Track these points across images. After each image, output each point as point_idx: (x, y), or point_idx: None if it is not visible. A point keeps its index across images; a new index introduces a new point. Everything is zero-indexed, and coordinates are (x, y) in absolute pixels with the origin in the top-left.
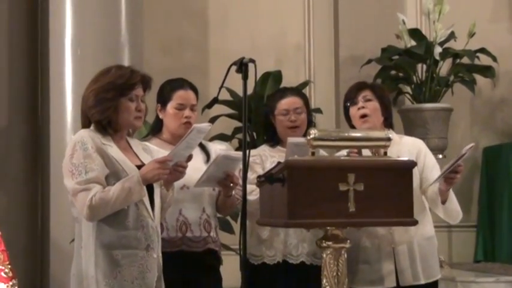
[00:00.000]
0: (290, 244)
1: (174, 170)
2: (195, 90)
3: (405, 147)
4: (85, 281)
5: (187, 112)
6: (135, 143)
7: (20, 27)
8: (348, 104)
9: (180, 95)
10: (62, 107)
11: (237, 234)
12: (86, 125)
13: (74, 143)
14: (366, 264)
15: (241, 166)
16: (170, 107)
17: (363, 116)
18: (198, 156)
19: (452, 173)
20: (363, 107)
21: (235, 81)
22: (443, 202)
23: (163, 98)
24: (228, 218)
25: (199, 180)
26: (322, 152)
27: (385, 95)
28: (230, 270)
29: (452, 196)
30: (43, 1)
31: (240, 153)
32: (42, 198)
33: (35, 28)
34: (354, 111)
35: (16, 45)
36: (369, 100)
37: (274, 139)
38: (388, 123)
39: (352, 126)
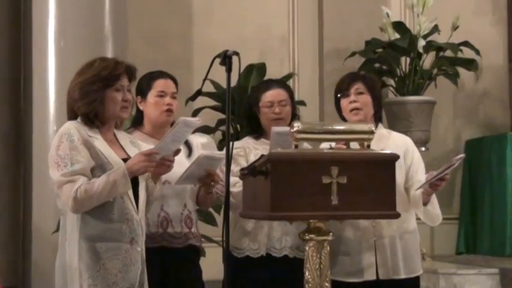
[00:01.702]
0: (273, 237)
1: (161, 163)
2: (174, 80)
3: (393, 142)
4: (69, 273)
5: (168, 99)
6: (122, 135)
7: (2, 18)
8: (339, 96)
9: (160, 83)
10: (45, 99)
11: (219, 226)
12: (72, 118)
13: (60, 135)
14: (346, 256)
15: (222, 164)
16: (151, 96)
17: (354, 109)
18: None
19: (439, 181)
20: (355, 101)
21: (218, 73)
22: (425, 204)
23: (143, 89)
24: (211, 210)
25: (180, 178)
26: (306, 145)
27: (376, 88)
28: (212, 262)
29: (434, 200)
30: None
31: (222, 153)
32: (25, 190)
33: (17, 19)
34: (345, 103)
35: None
36: (361, 93)
37: (258, 131)
38: (377, 117)
39: (343, 118)
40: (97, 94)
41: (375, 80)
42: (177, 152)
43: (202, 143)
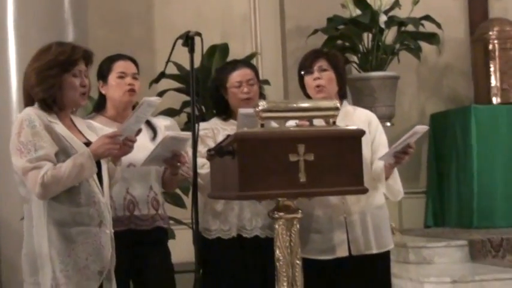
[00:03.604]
0: (244, 218)
1: (124, 144)
2: (133, 61)
3: (358, 118)
4: (39, 260)
5: (129, 80)
6: (79, 120)
7: None
8: (303, 73)
9: (120, 65)
10: (6, 86)
11: (188, 208)
12: (29, 104)
13: (20, 121)
14: (317, 234)
15: (189, 145)
16: (112, 78)
17: (318, 86)
18: (143, 133)
19: (402, 154)
20: (318, 78)
21: (181, 55)
22: (387, 178)
23: (103, 73)
24: (179, 192)
25: (146, 159)
26: (274, 124)
27: (340, 65)
28: (183, 244)
29: (396, 175)
30: None
31: (188, 134)
32: None
33: None
34: (309, 80)
35: None
36: (325, 70)
37: (226, 112)
38: (342, 93)
39: (307, 95)
40: (55, 79)
41: (338, 56)
42: (139, 131)
43: (166, 126)
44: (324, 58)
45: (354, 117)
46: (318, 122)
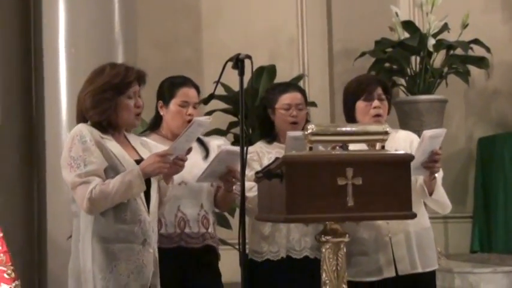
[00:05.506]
0: (293, 239)
1: (174, 163)
2: (197, 89)
3: (399, 139)
4: (82, 275)
5: (190, 110)
6: (132, 137)
7: (13, 26)
8: (363, 98)
9: (185, 93)
10: (57, 105)
11: (234, 230)
12: None
13: (72, 137)
14: (363, 256)
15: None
16: (173, 104)
17: (378, 115)
18: (196, 151)
19: (431, 162)
20: (379, 107)
21: (229, 76)
22: (430, 194)
23: (166, 95)
24: (225, 213)
25: (201, 175)
26: (321, 148)
27: (391, 94)
28: (229, 265)
29: (438, 187)
30: (36, 1)
31: None
32: (39, 196)
33: (27, 28)
34: (367, 107)
35: (9, 44)
36: (382, 99)
37: (271, 135)
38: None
39: (352, 119)
40: (110, 102)
41: (389, 85)
42: (189, 151)
43: (218, 145)
44: (381, 86)
45: (395, 138)
46: (354, 147)
